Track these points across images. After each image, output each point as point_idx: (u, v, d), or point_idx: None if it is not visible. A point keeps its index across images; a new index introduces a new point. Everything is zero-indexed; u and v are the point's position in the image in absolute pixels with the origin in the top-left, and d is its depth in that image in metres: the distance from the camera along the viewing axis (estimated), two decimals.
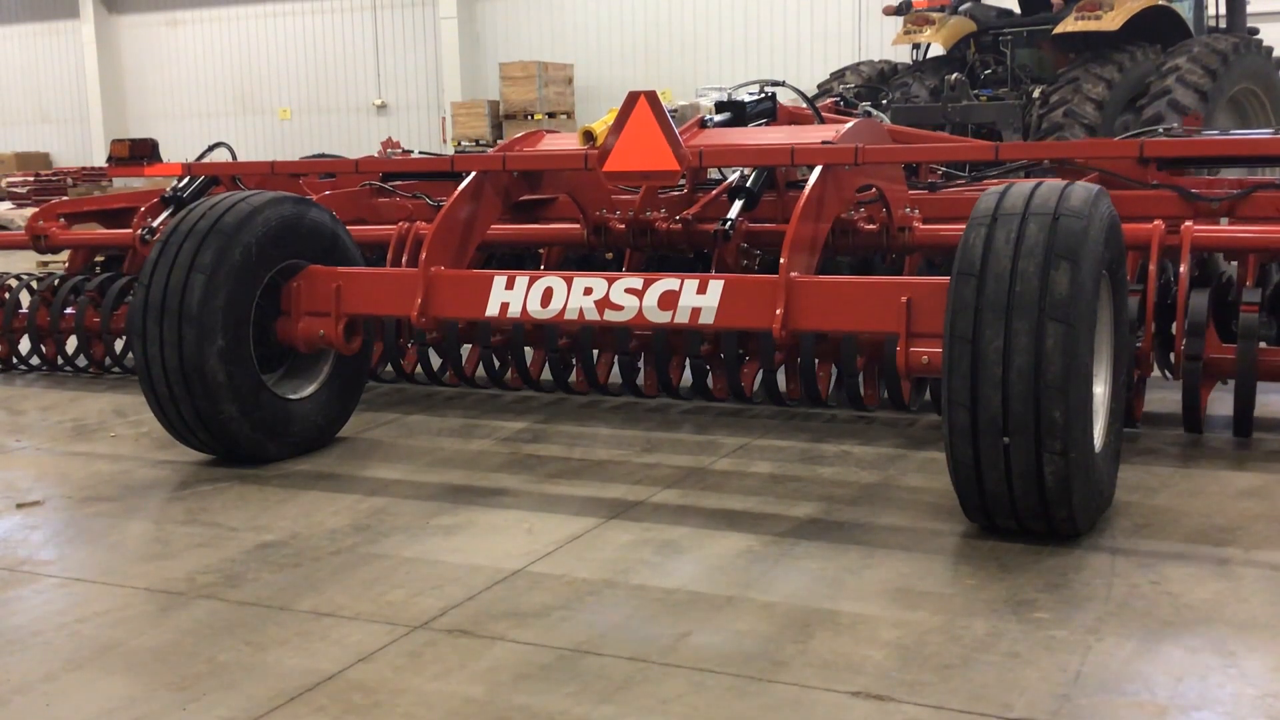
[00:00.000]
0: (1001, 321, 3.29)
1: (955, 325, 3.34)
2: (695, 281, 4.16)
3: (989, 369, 3.30)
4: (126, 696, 2.76)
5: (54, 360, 6.71)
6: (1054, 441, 3.28)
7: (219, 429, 4.49)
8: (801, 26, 21.50)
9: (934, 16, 12.27)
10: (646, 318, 4.20)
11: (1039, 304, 3.26)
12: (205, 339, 4.36)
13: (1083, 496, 3.43)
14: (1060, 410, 3.26)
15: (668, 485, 4.32)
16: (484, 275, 4.49)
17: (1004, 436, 3.32)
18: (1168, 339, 4.78)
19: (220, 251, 4.41)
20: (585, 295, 4.25)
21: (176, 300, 4.37)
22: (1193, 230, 4.78)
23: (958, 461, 3.45)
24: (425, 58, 24.64)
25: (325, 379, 4.88)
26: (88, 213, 7.29)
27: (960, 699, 2.65)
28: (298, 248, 4.70)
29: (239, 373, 4.46)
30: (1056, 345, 3.24)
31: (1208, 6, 12.62)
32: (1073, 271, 3.28)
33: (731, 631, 3.06)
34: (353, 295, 4.67)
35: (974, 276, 3.35)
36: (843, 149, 4.58)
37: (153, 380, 4.47)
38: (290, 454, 4.74)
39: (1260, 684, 2.70)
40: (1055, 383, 3.25)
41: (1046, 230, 3.34)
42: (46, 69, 28.44)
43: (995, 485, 3.42)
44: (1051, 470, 3.33)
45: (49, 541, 3.95)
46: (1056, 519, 3.47)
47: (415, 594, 3.33)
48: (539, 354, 5.58)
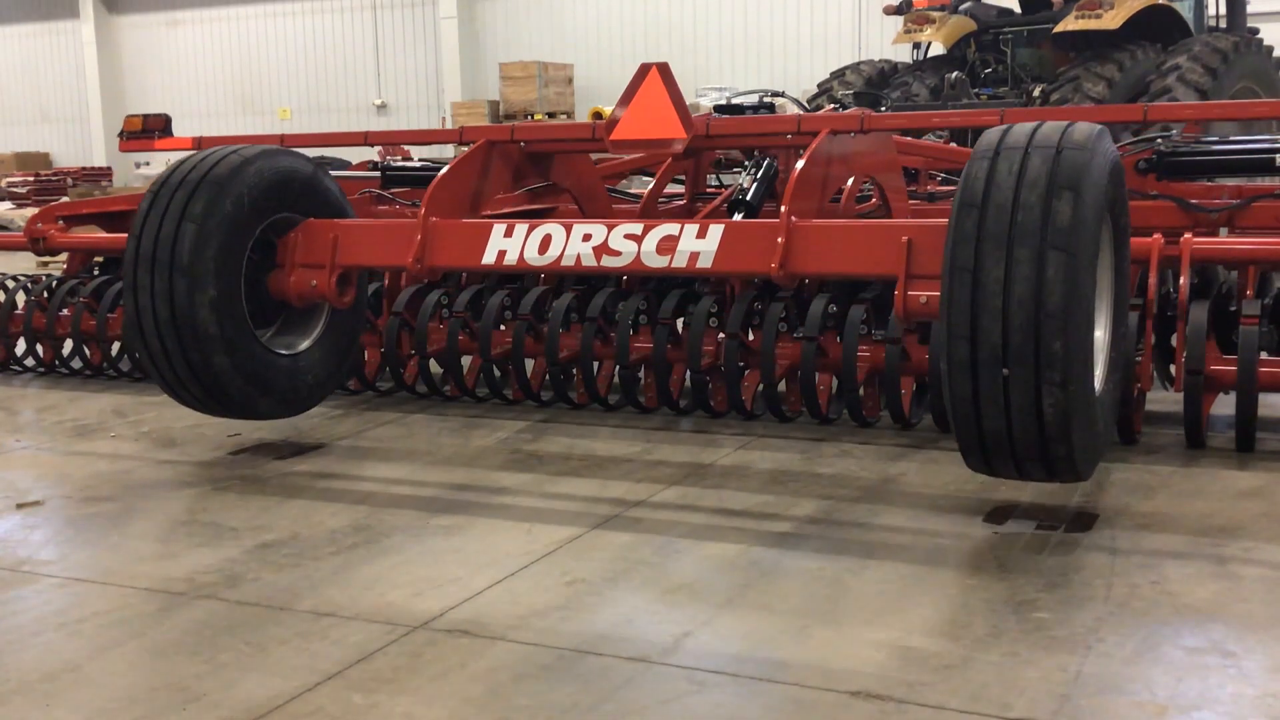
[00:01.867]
0: (1002, 251, 3.24)
1: (956, 256, 3.30)
2: (695, 226, 4.14)
3: (989, 299, 3.24)
4: (126, 696, 2.76)
5: (51, 363, 6.70)
6: (1053, 373, 3.22)
7: (211, 381, 4.42)
8: (801, 26, 21.51)
9: (934, 16, 12.28)
10: (644, 263, 4.15)
11: (1041, 233, 3.22)
12: (196, 289, 4.29)
13: (1082, 435, 3.35)
14: (1060, 341, 3.20)
15: (668, 485, 4.32)
16: (483, 223, 4.45)
17: (1003, 369, 3.25)
18: (1168, 351, 4.78)
19: (211, 201, 4.34)
20: (584, 241, 4.20)
21: (168, 251, 4.30)
22: (1192, 242, 4.78)
23: (956, 398, 3.36)
24: (425, 58, 24.66)
25: (318, 336, 4.82)
26: (87, 215, 7.27)
27: (960, 699, 2.65)
28: (291, 201, 4.63)
29: (231, 324, 4.38)
30: (1058, 274, 3.20)
31: (1208, 6, 12.64)
32: (1075, 202, 3.24)
33: (732, 631, 3.06)
34: (348, 246, 4.60)
35: (975, 207, 3.30)
36: (848, 115, 4.60)
37: (144, 332, 4.39)
38: (281, 411, 4.69)
39: (1260, 684, 2.70)
40: (1056, 312, 3.19)
41: (1050, 162, 3.31)
42: (46, 69, 28.46)
43: (993, 422, 3.34)
44: (1051, 403, 3.26)
45: (49, 541, 3.95)
46: (1055, 458, 3.38)
47: (415, 594, 3.33)
48: (539, 365, 5.55)
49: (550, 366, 5.39)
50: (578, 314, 5.39)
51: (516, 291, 5.62)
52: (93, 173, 23.78)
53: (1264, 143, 5.69)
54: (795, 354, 4.97)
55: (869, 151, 4.97)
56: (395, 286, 5.87)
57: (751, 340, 5.07)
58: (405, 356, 5.71)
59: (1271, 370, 4.54)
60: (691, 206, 5.65)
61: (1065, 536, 3.69)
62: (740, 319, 4.99)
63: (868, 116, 4.50)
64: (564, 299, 5.40)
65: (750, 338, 5.08)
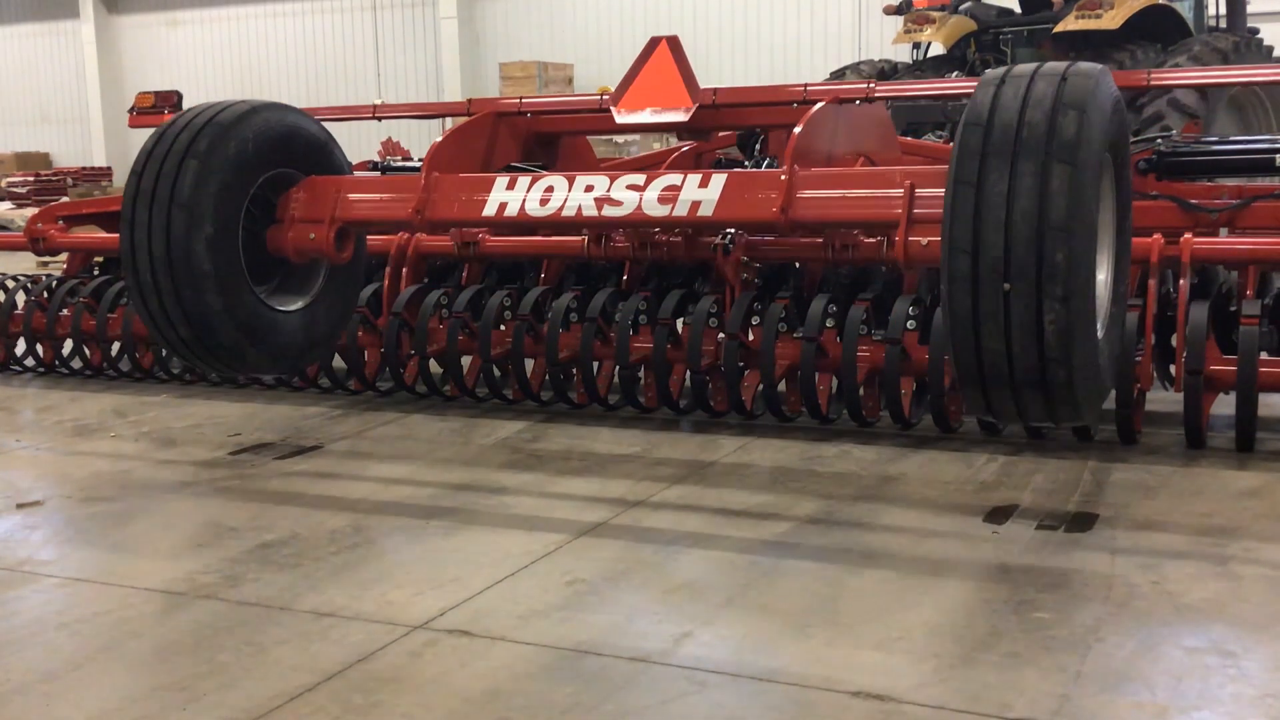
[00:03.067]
0: (1007, 165, 3.22)
1: (960, 171, 3.27)
2: (698, 176, 4.12)
3: (992, 212, 3.21)
4: (126, 696, 2.77)
5: (51, 363, 6.70)
6: (1055, 287, 3.17)
7: (200, 322, 4.33)
8: (801, 26, 21.50)
9: (934, 16, 12.27)
10: (645, 212, 4.12)
11: (1045, 147, 3.20)
12: (194, 225, 4.24)
13: (1083, 358, 3.28)
14: (1063, 253, 3.16)
15: (668, 485, 4.32)
16: (485, 176, 4.40)
17: (1004, 283, 3.20)
18: (1168, 351, 4.77)
19: (216, 141, 4.31)
20: (585, 192, 4.16)
21: (168, 187, 4.26)
22: (1192, 242, 4.77)
23: (956, 316, 3.29)
24: (425, 58, 24.65)
25: (315, 296, 4.74)
26: (87, 215, 7.27)
27: (960, 699, 2.65)
28: (296, 159, 4.60)
29: (225, 265, 4.32)
30: (1062, 186, 3.17)
31: (1208, 6, 12.63)
32: (1080, 119, 3.23)
33: (732, 631, 3.06)
34: (349, 201, 4.55)
35: (980, 126, 3.28)
36: (855, 85, 4.60)
37: (137, 268, 4.32)
38: (269, 366, 4.62)
39: (1260, 684, 2.70)
40: (1059, 224, 3.16)
41: (1055, 85, 3.30)
42: (46, 69, 28.43)
43: (993, 342, 3.27)
44: (1052, 320, 3.20)
45: (49, 541, 3.95)
46: (1055, 383, 3.28)
47: (415, 594, 3.33)
48: (539, 365, 5.54)
49: (550, 366, 5.38)
50: (578, 314, 5.39)
51: (517, 291, 5.62)
52: (93, 173, 23.77)
53: (1264, 143, 5.69)
54: (795, 354, 4.97)
55: (869, 128, 4.97)
56: (395, 287, 5.87)
57: (751, 340, 5.07)
58: (405, 356, 5.71)
59: (1271, 370, 4.54)
60: None
61: (1065, 536, 3.69)
62: (740, 319, 4.98)
63: (874, 86, 4.51)
64: (564, 299, 5.40)
65: (750, 338, 5.08)
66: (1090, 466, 4.43)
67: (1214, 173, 5.71)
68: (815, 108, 4.48)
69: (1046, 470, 4.40)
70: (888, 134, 5.35)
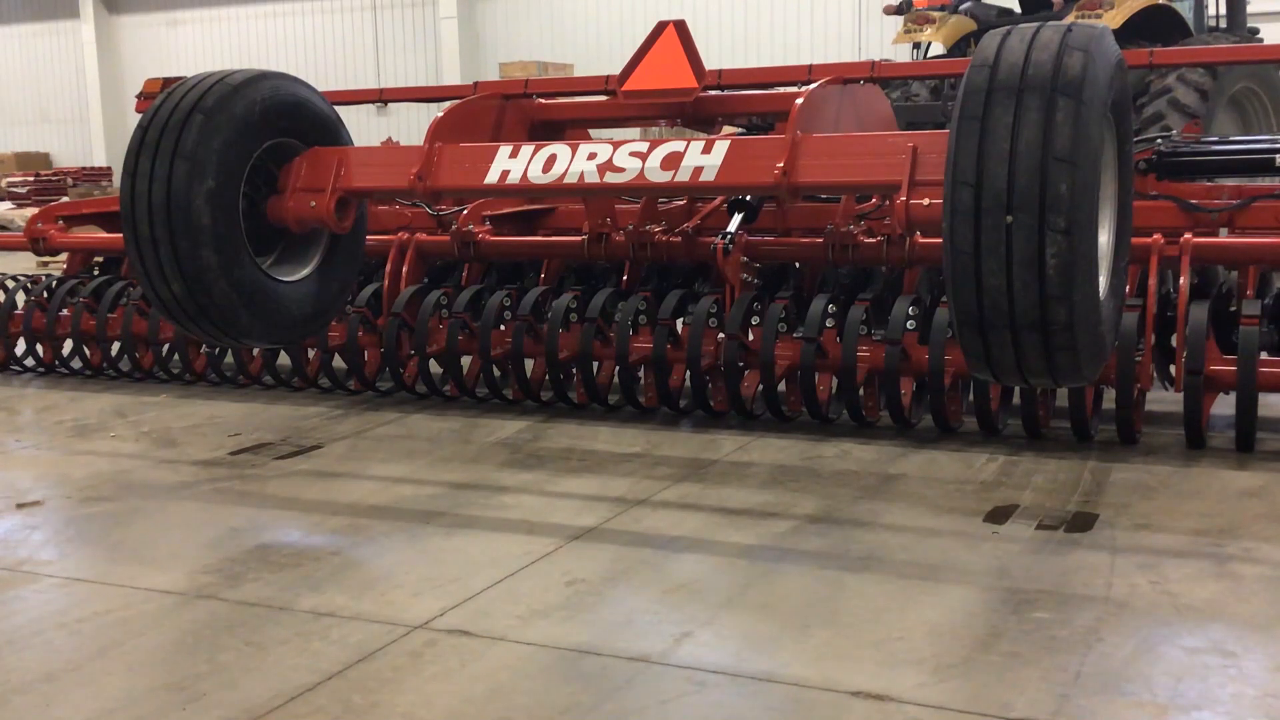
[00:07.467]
0: (1012, 100, 3.22)
1: (965, 107, 3.27)
2: (700, 143, 4.09)
3: (996, 144, 3.20)
4: (126, 696, 2.77)
5: (51, 363, 6.70)
6: (1058, 218, 3.16)
7: (195, 278, 4.25)
8: (801, 26, 21.50)
9: (934, 15, 12.26)
10: (647, 178, 4.08)
11: (1051, 83, 3.21)
12: (195, 177, 4.19)
13: (1083, 298, 3.26)
14: (1066, 183, 3.15)
15: (668, 485, 4.32)
16: (488, 145, 4.38)
17: (1007, 215, 3.19)
18: (1168, 351, 4.76)
19: (224, 98, 4.28)
20: (588, 160, 4.13)
21: (172, 139, 4.23)
22: (1192, 242, 4.77)
23: (956, 250, 3.27)
24: (425, 58, 24.64)
25: (314, 268, 4.70)
26: (87, 215, 7.27)
27: (960, 699, 2.65)
28: (301, 129, 4.57)
29: (224, 222, 4.26)
30: (1066, 119, 3.17)
31: (1208, 6, 12.62)
32: (1086, 59, 3.24)
33: (732, 631, 3.06)
34: (351, 170, 4.51)
35: (987, 66, 3.29)
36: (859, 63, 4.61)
37: (135, 219, 4.26)
38: (263, 334, 4.54)
39: (1260, 684, 2.70)
40: (1063, 154, 3.15)
41: (1061, 32, 3.32)
42: (46, 69, 28.43)
43: (994, 279, 3.24)
44: (1054, 253, 3.18)
45: (49, 541, 3.95)
46: (1055, 323, 3.25)
47: (415, 594, 3.33)
48: (539, 365, 5.53)
49: (550, 366, 5.38)
50: (577, 314, 5.39)
51: (516, 291, 5.62)
52: (93, 173, 23.76)
53: (1264, 143, 5.69)
54: (795, 354, 4.97)
55: (871, 118, 4.97)
56: (395, 287, 5.87)
57: (751, 340, 5.07)
58: (405, 356, 5.71)
59: (1271, 370, 4.54)
60: (691, 206, 5.65)
61: (1065, 536, 3.69)
62: (740, 319, 4.98)
63: (878, 64, 4.53)
64: (564, 299, 5.40)
65: (750, 338, 5.07)
66: (1090, 466, 4.43)
67: (1214, 173, 5.71)
68: (819, 82, 4.48)
69: (1046, 470, 4.40)
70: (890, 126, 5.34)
